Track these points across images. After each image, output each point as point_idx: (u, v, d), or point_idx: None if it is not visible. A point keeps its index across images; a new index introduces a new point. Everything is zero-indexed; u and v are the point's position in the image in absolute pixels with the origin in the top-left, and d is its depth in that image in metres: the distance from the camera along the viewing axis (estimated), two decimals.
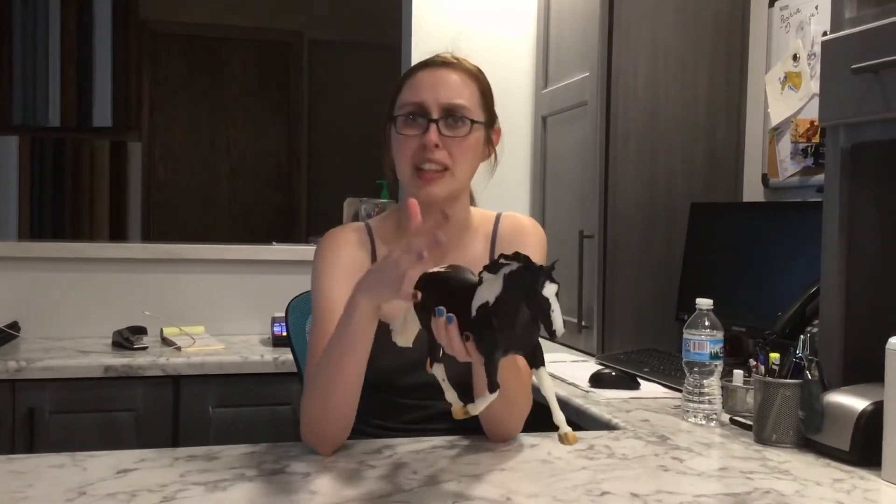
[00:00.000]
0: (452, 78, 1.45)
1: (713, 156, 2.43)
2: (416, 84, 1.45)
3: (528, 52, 2.93)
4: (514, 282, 1.06)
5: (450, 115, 1.43)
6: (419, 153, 1.42)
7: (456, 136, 1.43)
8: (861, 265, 1.46)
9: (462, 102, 1.44)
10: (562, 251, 2.57)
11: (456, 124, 1.43)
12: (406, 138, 1.43)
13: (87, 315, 2.68)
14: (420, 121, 1.43)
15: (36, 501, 1.07)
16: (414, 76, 1.47)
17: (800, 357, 1.46)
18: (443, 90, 1.43)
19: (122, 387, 2.28)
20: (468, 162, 1.46)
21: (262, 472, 1.21)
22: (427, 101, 1.42)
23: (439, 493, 1.13)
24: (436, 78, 1.45)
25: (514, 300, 1.06)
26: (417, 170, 1.42)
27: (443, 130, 1.42)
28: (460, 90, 1.45)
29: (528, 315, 1.07)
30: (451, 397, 1.23)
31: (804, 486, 1.21)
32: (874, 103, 1.34)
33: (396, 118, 1.44)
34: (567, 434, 1.10)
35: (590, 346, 2.38)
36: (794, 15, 2.25)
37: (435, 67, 1.47)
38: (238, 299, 2.81)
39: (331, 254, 1.47)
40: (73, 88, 5.07)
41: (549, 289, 1.03)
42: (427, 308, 1.17)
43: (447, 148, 1.42)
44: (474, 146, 1.46)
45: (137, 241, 4.70)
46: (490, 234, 1.54)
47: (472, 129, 1.44)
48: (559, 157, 2.71)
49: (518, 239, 1.51)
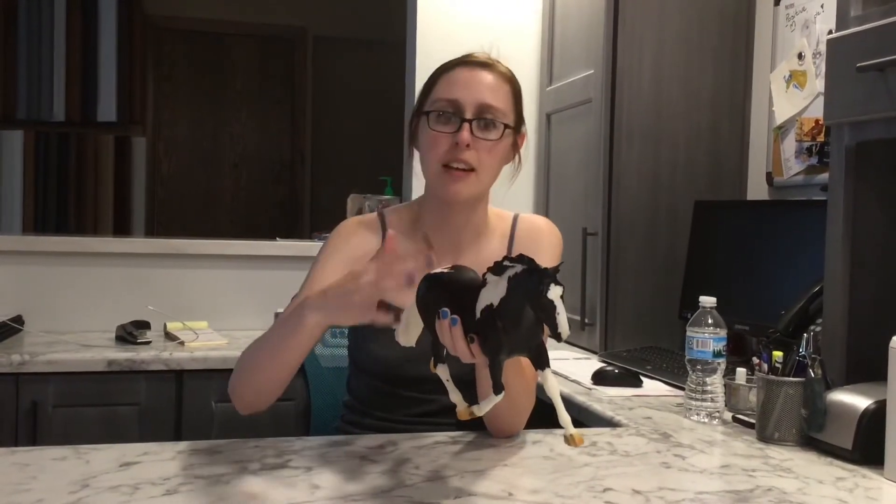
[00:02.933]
0: (489, 79, 1.44)
1: (717, 154, 2.43)
2: (452, 81, 1.44)
3: (532, 49, 2.93)
4: (518, 284, 1.05)
5: (482, 116, 1.42)
6: (450, 151, 1.41)
7: (487, 140, 1.42)
8: (865, 264, 1.46)
9: (497, 105, 1.43)
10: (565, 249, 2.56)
11: (488, 127, 1.42)
12: (438, 135, 1.42)
13: (90, 309, 2.69)
14: (454, 119, 1.42)
15: (39, 494, 1.07)
16: (450, 72, 1.45)
17: (803, 355, 1.46)
18: (479, 90, 1.42)
19: (125, 381, 2.28)
20: (495, 166, 1.46)
21: (264, 466, 1.21)
22: (463, 98, 1.41)
23: (441, 488, 1.13)
24: (472, 77, 1.44)
25: (519, 302, 1.05)
26: (445, 167, 1.42)
27: (475, 132, 1.41)
28: (496, 92, 1.44)
29: (533, 317, 1.06)
30: (455, 398, 1.23)
31: (806, 484, 1.21)
32: (879, 102, 1.34)
33: (429, 113, 1.43)
34: (573, 436, 1.08)
35: (593, 344, 2.38)
36: (800, 13, 2.24)
37: (472, 67, 1.45)
38: (241, 294, 2.81)
39: (339, 239, 1.49)
40: (78, 83, 5.08)
41: (554, 291, 1.02)
42: (430, 310, 1.16)
43: (477, 149, 1.41)
44: (503, 151, 1.46)
45: (141, 236, 4.72)
46: (508, 235, 1.54)
47: (503, 135, 1.44)
48: (563, 154, 2.71)
49: (535, 240, 1.52)
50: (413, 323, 1.24)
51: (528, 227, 1.54)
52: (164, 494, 1.08)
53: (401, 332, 1.27)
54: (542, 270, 1.03)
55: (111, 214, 5.18)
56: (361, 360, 1.52)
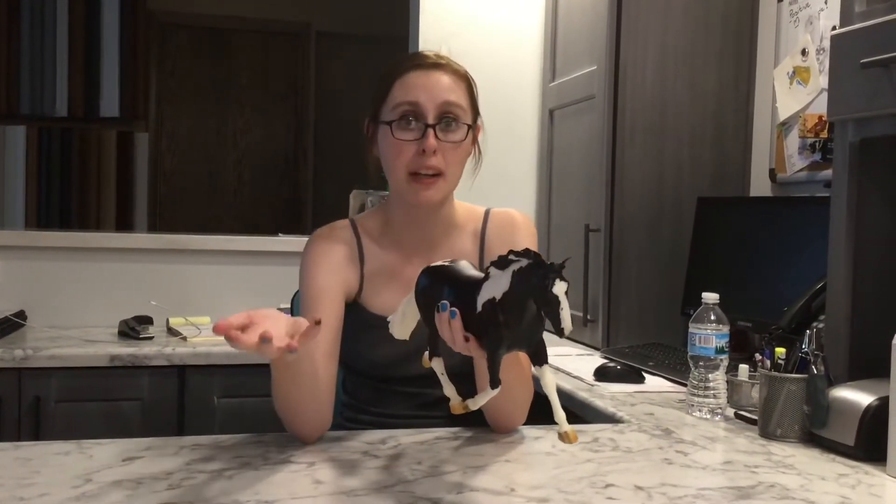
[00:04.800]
0: (445, 80, 1.43)
1: (721, 150, 2.42)
2: (408, 85, 1.42)
3: (535, 45, 2.93)
4: (523, 278, 1.04)
5: (444, 117, 1.41)
6: (416, 159, 1.40)
7: (451, 142, 1.42)
8: (868, 260, 1.46)
9: (458, 103, 1.42)
10: (568, 245, 2.57)
11: (451, 129, 1.42)
12: (402, 143, 1.41)
13: (93, 304, 2.69)
14: (415, 125, 1.41)
15: (42, 488, 1.07)
16: (405, 76, 1.43)
17: (805, 352, 1.45)
18: (437, 93, 1.41)
19: (127, 376, 2.29)
20: (461, 165, 1.47)
21: (266, 461, 1.21)
22: (423, 102, 1.40)
23: (442, 483, 1.13)
24: (429, 79, 1.42)
25: (522, 297, 1.04)
26: (413, 175, 1.41)
27: (439, 135, 1.40)
28: (454, 92, 1.43)
29: (535, 312, 1.05)
30: (449, 392, 1.23)
31: (809, 481, 1.21)
32: (883, 98, 1.34)
33: (391, 122, 1.42)
34: (568, 433, 1.08)
35: (595, 340, 2.38)
36: (804, 9, 2.24)
37: (427, 69, 1.43)
38: (244, 290, 2.81)
39: (317, 248, 1.48)
40: (81, 78, 5.07)
41: (559, 286, 1.01)
42: (429, 303, 1.16)
43: (442, 153, 1.41)
44: (467, 150, 1.47)
45: (144, 232, 4.72)
46: (479, 232, 1.54)
47: (466, 135, 1.44)
48: (566, 150, 2.71)
49: (509, 234, 1.51)
50: (409, 315, 1.24)
51: (500, 222, 1.54)
52: (166, 489, 1.08)
53: (395, 323, 1.26)
54: (548, 265, 1.03)
55: (114, 210, 5.18)
56: (351, 361, 1.52)
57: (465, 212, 1.55)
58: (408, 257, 1.50)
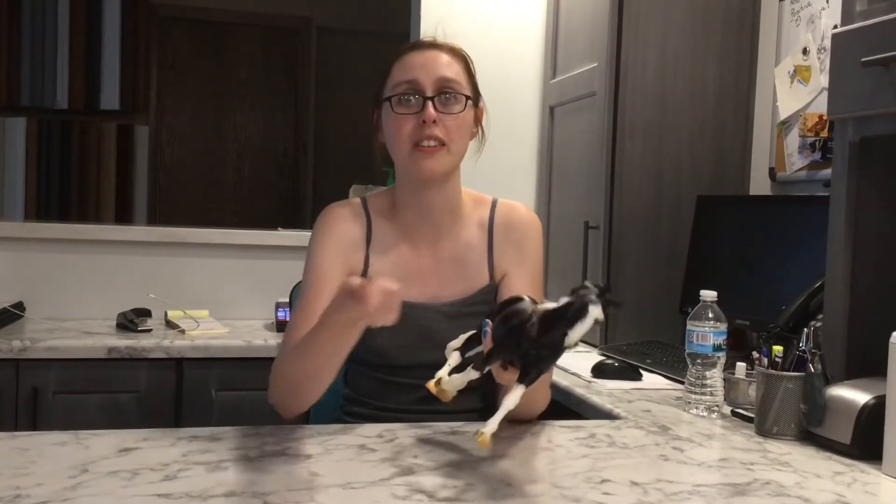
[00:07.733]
0: (442, 57, 1.48)
1: (721, 149, 2.43)
2: (406, 65, 1.47)
3: (536, 42, 2.93)
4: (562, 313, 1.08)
5: (443, 91, 1.45)
6: (416, 130, 1.44)
7: (451, 113, 1.45)
8: (867, 260, 1.46)
9: (455, 78, 1.47)
10: (567, 242, 2.57)
11: (450, 101, 1.46)
12: (402, 117, 1.45)
13: (91, 296, 2.69)
14: (415, 100, 1.45)
15: (39, 478, 1.07)
16: (403, 58, 1.49)
17: (803, 350, 1.46)
18: (434, 68, 1.46)
19: (125, 368, 2.29)
20: (464, 139, 1.49)
21: (263, 453, 1.21)
22: (421, 78, 1.45)
23: (440, 477, 1.14)
24: (426, 57, 1.48)
25: (562, 327, 1.08)
26: (415, 146, 1.44)
27: (438, 108, 1.44)
28: (451, 67, 1.48)
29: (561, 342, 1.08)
30: (441, 372, 1.25)
31: (804, 479, 1.21)
32: (883, 97, 1.34)
33: (391, 98, 1.46)
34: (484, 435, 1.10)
35: (593, 337, 2.38)
36: (805, 8, 2.24)
37: (423, 48, 1.50)
38: (242, 284, 2.81)
39: (326, 227, 1.52)
40: (81, 71, 5.07)
41: (596, 311, 1.04)
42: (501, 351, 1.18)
43: (443, 124, 1.44)
44: (468, 123, 1.49)
45: (143, 225, 4.72)
46: (487, 222, 1.55)
47: (465, 106, 1.47)
48: (566, 147, 2.70)
49: (517, 231, 1.54)
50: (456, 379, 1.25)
51: (508, 215, 1.56)
52: (162, 480, 1.08)
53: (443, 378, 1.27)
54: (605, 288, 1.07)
55: (113, 202, 5.18)
56: (355, 350, 1.52)
57: (472, 200, 1.58)
58: (414, 244, 1.52)
